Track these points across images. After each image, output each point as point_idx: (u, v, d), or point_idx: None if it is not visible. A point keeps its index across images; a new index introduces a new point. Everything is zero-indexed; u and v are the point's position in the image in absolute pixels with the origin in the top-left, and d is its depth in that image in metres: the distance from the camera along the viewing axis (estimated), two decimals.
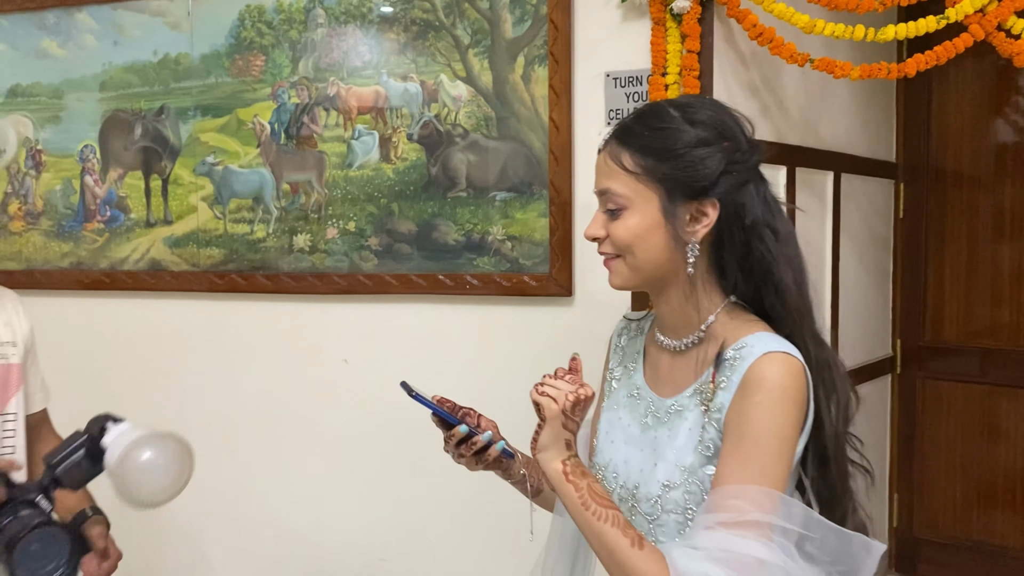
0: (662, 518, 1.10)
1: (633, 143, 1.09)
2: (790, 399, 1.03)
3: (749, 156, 1.11)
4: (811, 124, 2.78)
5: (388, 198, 2.55)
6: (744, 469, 1.02)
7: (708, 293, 1.12)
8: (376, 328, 2.62)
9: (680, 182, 1.07)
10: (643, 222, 1.09)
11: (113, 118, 2.84)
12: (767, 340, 1.06)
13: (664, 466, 1.11)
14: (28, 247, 2.99)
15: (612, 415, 1.23)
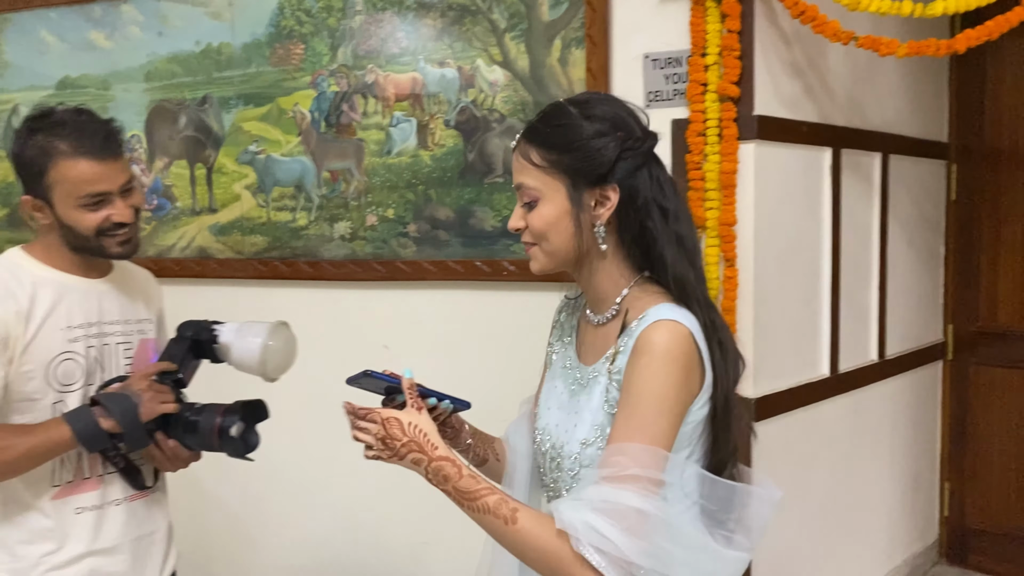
0: (580, 472, 1.21)
1: (538, 140, 1.21)
2: (672, 361, 1.13)
3: (641, 143, 1.21)
4: (857, 104, 2.71)
5: (426, 185, 2.56)
6: (628, 427, 1.13)
7: (620, 270, 1.23)
8: (415, 314, 2.63)
9: (582, 171, 1.18)
10: (554, 210, 1.20)
11: (158, 108, 2.89)
12: (663, 310, 1.17)
13: (582, 426, 1.22)
14: None
15: (550, 384, 1.34)
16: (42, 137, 1.50)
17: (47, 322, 1.53)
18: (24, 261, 1.58)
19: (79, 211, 1.51)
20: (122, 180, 1.54)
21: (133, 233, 1.58)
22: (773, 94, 2.31)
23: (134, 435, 1.50)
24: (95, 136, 1.50)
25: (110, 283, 1.65)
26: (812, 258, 2.55)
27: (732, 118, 2.21)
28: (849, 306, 2.68)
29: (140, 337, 1.69)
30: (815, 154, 2.52)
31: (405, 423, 1.18)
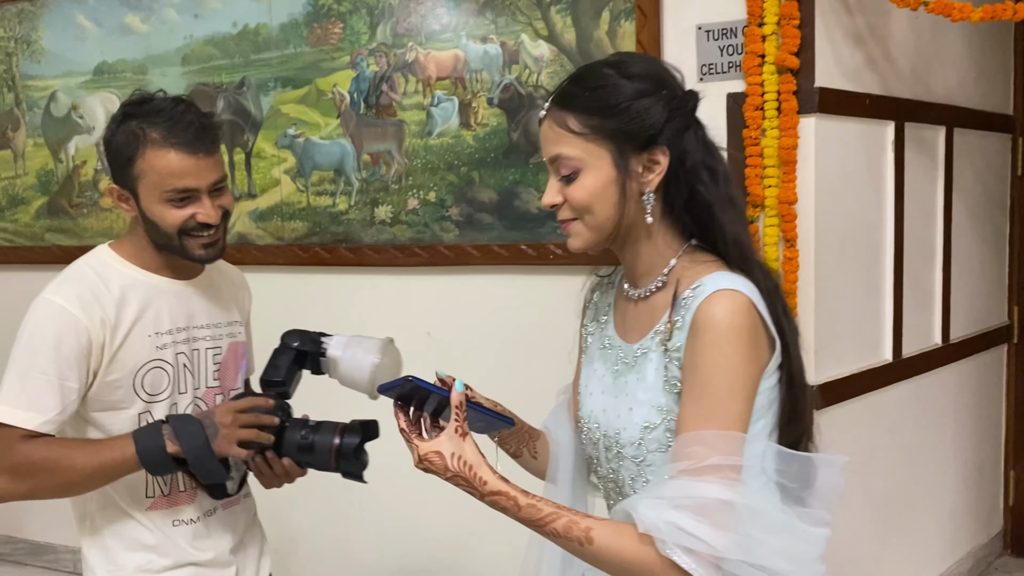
0: (648, 458, 1.14)
1: (576, 105, 1.12)
2: (737, 335, 1.06)
3: (686, 102, 1.14)
4: (921, 75, 2.57)
5: (468, 166, 2.48)
6: (699, 412, 1.06)
7: (666, 239, 1.16)
8: (458, 300, 2.56)
9: (628, 135, 1.10)
10: (598, 180, 1.11)
11: (195, 92, 2.84)
12: (719, 279, 1.09)
13: (640, 409, 1.14)
14: (118, 223, 3.04)
15: (588, 369, 1.27)
16: (135, 124, 1.42)
17: (135, 329, 1.45)
18: (113, 261, 1.50)
19: (163, 206, 1.42)
20: (212, 178, 1.44)
21: (219, 235, 1.48)
22: (834, 65, 2.19)
23: (202, 466, 1.40)
24: (189, 127, 1.41)
25: (200, 285, 1.57)
26: (874, 238, 2.44)
27: (792, 91, 2.10)
28: (912, 288, 2.56)
29: (230, 341, 1.61)
30: (877, 128, 2.40)
31: (448, 455, 1.08)
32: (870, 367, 2.41)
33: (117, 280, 1.47)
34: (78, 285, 1.44)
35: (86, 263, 1.49)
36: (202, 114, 1.47)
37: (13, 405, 1.39)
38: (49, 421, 1.40)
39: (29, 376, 1.40)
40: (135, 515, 1.50)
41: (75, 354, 1.40)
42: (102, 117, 3.03)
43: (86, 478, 1.40)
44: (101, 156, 3.05)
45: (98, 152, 3.05)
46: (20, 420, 1.38)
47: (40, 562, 3.38)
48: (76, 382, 1.41)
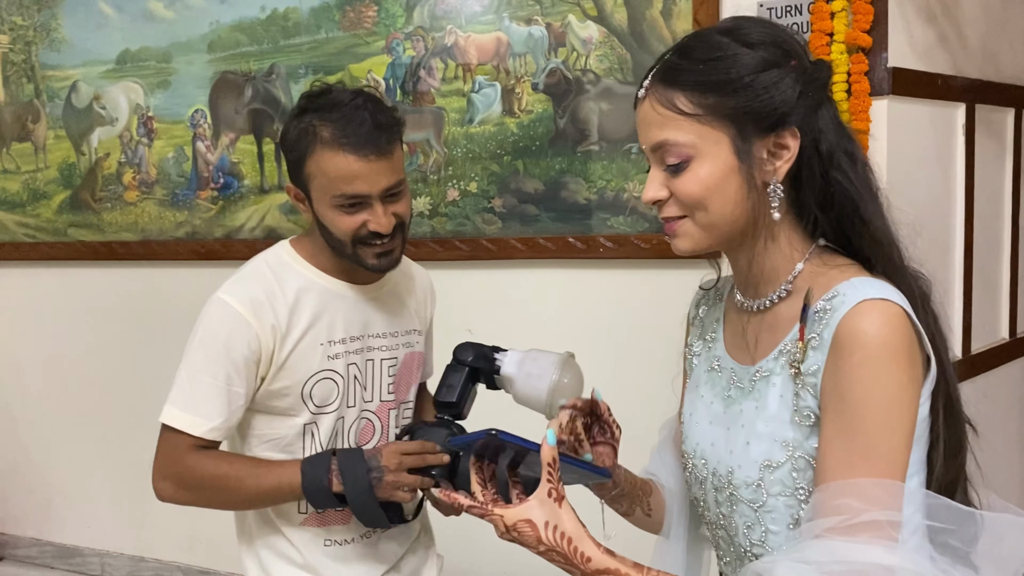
0: (768, 503, 0.95)
1: (686, 81, 0.94)
2: (893, 355, 0.87)
3: (819, 74, 0.95)
4: (991, 54, 2.42)
5: (512, 155, 2.35)
6: (851, 453, 0.87)
7: (792, 239, 0.98)
8: (501, 296, 2.44)
9: (752, 115, 0.92)
10: (715, 170, 0.94)
11: (222, 80, 2.73)
12: (862, 286, 0.91)
13: (759, 443, 0.96)
14: (144, 217, 2.94)
15: (694, 394, 1.10)
16: (309, 119, 1.33)
17: (306, 337, 1.38)
18: (292, 259, 1.43)
19: (333, 211, 1.34)
20: (385, 184, 1.33)
21: (395, 244, 1.38)
22: (907, 44, 2.05)
23: (363, 513, 1.35)
24: (362, 126, 1.30)
25: (380, 290, 1.48)
26: (944, 228, 2.30)
27: (863, 71, 1.96)
28: (980, 281, 2.42)
29: (407, 351, 1.51)
30: (948, 111, 2.25)
31: (541, 525, 0.89)
32: None
33: (294, 282, 1.40)
34: (253, 285, 1.38)
35: (264, 260, 1.43)
36: (381, 109, 1.35)
37: (182, 408, 1.36)
38: (216, 428, 1.35)
39: (198, 380, 1.35)
40: (286, 531, 1.44)
41: (244, 359, 1.35)
42: (125, 108, 2.92)
43: (250, 500, 1.39)
44: (124, 148, 2.94)
45: (121, 144, 2.95)
46: (188, 425, 1.35)
47: (67, 565, 3.31)
48: (243, 387, 1.36)
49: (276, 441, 1.41)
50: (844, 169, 0.94)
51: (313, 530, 1.44)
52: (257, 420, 1.41)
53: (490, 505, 0.92)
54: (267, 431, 1.41)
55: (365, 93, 1.36)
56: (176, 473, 1.37)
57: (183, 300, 2.96)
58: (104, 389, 3.14)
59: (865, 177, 0.97)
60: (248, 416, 1.40)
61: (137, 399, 3.03)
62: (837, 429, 0.89)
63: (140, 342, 3.03)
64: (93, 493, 3.23)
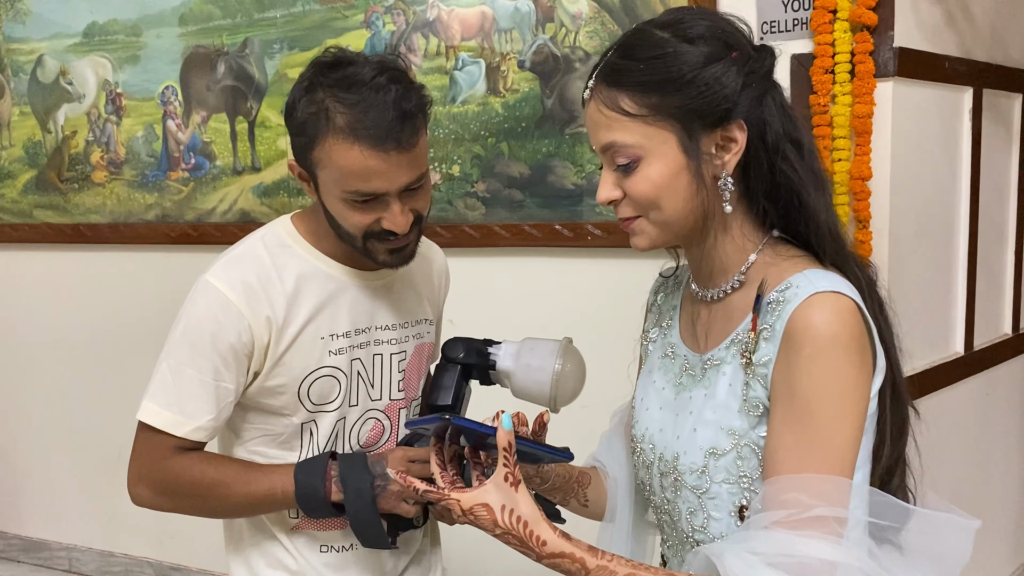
0: (712, 490, 0.97)
1: (629, 82, 0.94)
2: (844, 348, 0.89)
3: (762, 62, 0.96)
4: (999, 37, 2.32)
5: (496, 137, 2.24)
6: (801, 446, 0.89)
7: (744, 231, 0.99)
8: (485, 285, 2.33)
9: (697, 111, 0.93)
10: (665, 169, 0.94)
11: (194, 56, 2.60)
12: (815, 278, 0.92)
13: (705, 430, 0.97)
14: (112, 198, 2.81)
15: (646, 380, 1.11)
16: (320, 97, 1.13)
17: (305, 331, 1.23)
18: (293, 240, 1.27)
19: (344, 205, 1.17)
20: (404, 179, 1.15)
21: (410, 240, 1.21)
22: (914, 23, 1.95)
23: (362, 526, 1.21)
24: (384, 113, 1.11)
25: (389, 277, 1.32)
26: (948, 218, 2.20)
27: (868, 51, 1.85)
28: (984, 273, 2.33)
29: (416, 343, 1.36)
30: (955, 95, 2.15)
31: (497, 508, 0.89)
32: (941, 361, 2.18)
33: (294, 267, 1.24)
34: (247, 269, 1.22)
35: (261, 240, 1.26)
36: (407, 91, 1.14)
37: (163, 405, 1.21)
38: (202, 428, 1.21)
39: (182, 373, 1.20)
40: (279, 535, 1.31)
41: (233, 352, 1.20)
42: (93, 83, 2.79)
43: (238, 509, 1.26)
44: (92, 125, 2.81)
45: (89, 121, 2.81)
46: (170, 425, 1.21)
47: (33, 559, 3.20)
48: (233, 383, 1.21)
49: (273, 437, 1.28)
50: (790, 159, 0.95)
51: (308, 534, 1.30)
52: (248, 416, 1.28)
53: (447, 489, 0.92)
54: (261, 426, 1.28)
55: (389, 67, 1.15)
56: (156, 478, 1.23)
57: (154, 286, 2.85)
58: (72, 378, 3.02)
59: (811, 167, 0.97)
60: (237, 411, 1.26)
61: (107, 389, 2.92)
62: (787, 422, 0.90)
63: (109, 330, 2.91)
64: (61, 486, 3.12)
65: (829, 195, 0.99)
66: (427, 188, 1.22)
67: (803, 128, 0.97)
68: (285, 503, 1.23)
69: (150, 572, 3.00)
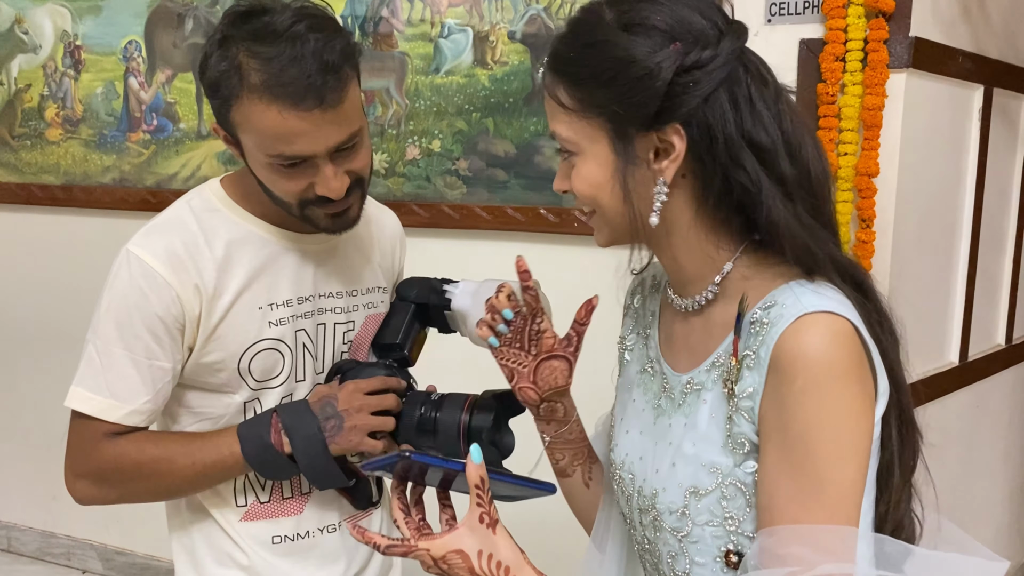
0: (694, 532, 0.88)
1: (564, 72, 0.87)
2: (841, 378, 0.79)
3: (712, 53, 0.82)
4: (1012, 34, 2.22)
5: (482, 112, 2.10)
6: (800, 491, 0.79)
7: (714, 237, 0.89)
8: (462, 269, 2.17)
9: (625, 110, 0.83)
10: (597, 168, 0.86)
11: (160, 9, 2.43)
12: (802, 295, 0.81)
13: (685, 466, 0.87)
14: (67, 158, 2.63)
15: (625, 396, 1.01)
16: (234, 51, 1.02)
17: (240, 301, 1.13)
18: (223, 204, 1.16)
19: (271, 170, 1.07)
20: (333, 140, 1.05)
21: (351, 202, 1.11)
22: (931, 12, 1.84)
23: (317, 472, 1.13)
24: (303, 68, 1.00)
25: (335, 240, 1.21)
26: (950, 221, 2.11)
27: (882, 39, 1.74)
28: (982, 281, 2.24)
29: (368, 313, 1.26)
30: (966, 92, 2.05)
31: (474, 555, 0.81)
32: (936, 371, 2.09)
33: (224, 232, 1.14)
34: (171, 235, 1.12)
35: (187, 205, 1.16)
36: (329, 40, 1.02)
37: (92, 390, 1.12)
38: (137, 411, 1.12)
39: (110, 353, 1.11)
40: (225, 527, 1.21)
41: (164, 326, 1.10)
42: (50, 34, 2.60)
43: (189, 483, 1.16)
44: (48, 79, 2.62)
45: (45, 74, 2.63)
46: (101, 410, 1.11)
47: None
48: (168, 361, 1.12)
49: (213, 420, 1.18)
50: (745, 167, 0.82)
51: (257, 524, 1.21)
52: (187, 396, 1.18)
53: (413, 538, 0.83)
54: (200, 410, 1.18)
55: (308, 14, 1.04)
56: (93, 468, 1.13)
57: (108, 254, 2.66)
58: (15, 351, 2.85)
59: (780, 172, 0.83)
60: (177, 391, 1.17)
61: (52, 363, 2.74)
62: (782, 464, 0.80)
63: (57, 300, 2.74)
64: (1, 462, 2.95)
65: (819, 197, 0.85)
66: (363, 146, 1.10)
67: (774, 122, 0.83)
68: (236, 467, 1.13)
69: (93, 555, 2.84)
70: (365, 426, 1.11)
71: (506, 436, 1.15)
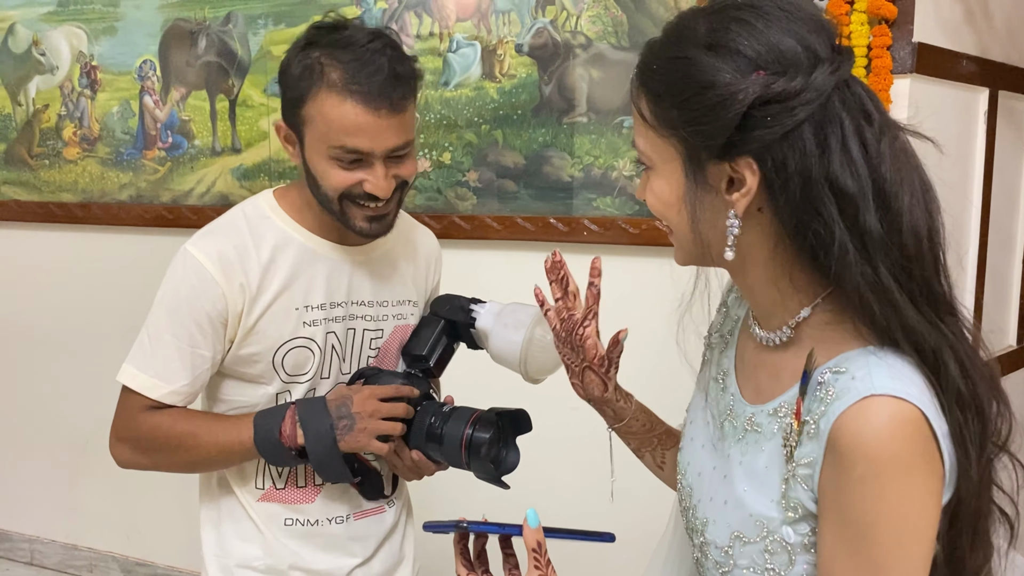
0: (735, 572, 0.85)
1: (647, 83, 0.82)
2: (906, 469, 0.73)
3: (801, 85, 0.74)
4: (1016, 36, 2.23)
5: (491, 124, 2.13)
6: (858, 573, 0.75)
7: (793, 280, 0.81)
8: (473, 279, 2.20)
9: (698, 136, 0.78)
10: (669, 187, 0.82)
11: (174, 29, 2.47)
12: (875, 370, 0.75)
13: (735, 509, 0.84)
14: (84, 177, 2.68)
15: (698, 398, 0.98)
16: (316, 55, 1.17)
17: (279, 300, 1.25)
18: (272, 212, 1.28)
19: (328, 163, 1.19)
20: (392, 143, 1.18)
21: (390, 209, 1.23)
22: (934, 17, 1.85)
23: (325, 466, 1.23)
24: (376, 73, 1.15)
25: (371, 253, 1.33)
26: (959, 225, 2.11)
27: (885, 45, 1.76)
28: (992, 283, 2.24)
29: (396, 324, 1.36)
30: (970, 95, 2.06)
31: None
32: None
33: (271, 237, 1.26)
34: (224, 238, 1.25)
35: (242, 210, 1.30)
36: (401, 58, 1.20)
37: (141, 368, 1.26)
38: (176, 392, 1.25)
39: (160, 339, 1.25)
40: (245, 505, 1.33)
41: (208, 319, 1.23)
42: (67, 55, 2.65)
43: (210, 460, 1.28)
44: (66, 99, 2.67)
45: (62, 94, 2.68)
46: (145, 387, 1.25)
47: None
48: (209, 350, 1.25)
49: (247, 408, 1.29)
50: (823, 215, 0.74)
51: (273, 506, 1.32)
52: (226, 385, 1.30)
53: None
54: (236, 397, 1.30)
55: (385, 36, 1.20)
56: (131, 436, 1.28)
57: (126, 269, 2.72)
58: (38, 365, 2.89)
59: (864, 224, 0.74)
60: (216, 380, 1.30)
61: (74, 377, 2.79)
62: (839, 545, 0.76)
63: (77, 315, 2.78)
64: (24, 475, 2.99)
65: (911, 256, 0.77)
66: (412, 156, 1.24)
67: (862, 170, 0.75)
68: (249, 452, 1.24)
69: (115, 567, 2.87)
70: (374, 430, 1.20)
71: (509, 453, 1.22)
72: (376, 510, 1.36)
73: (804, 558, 0.80)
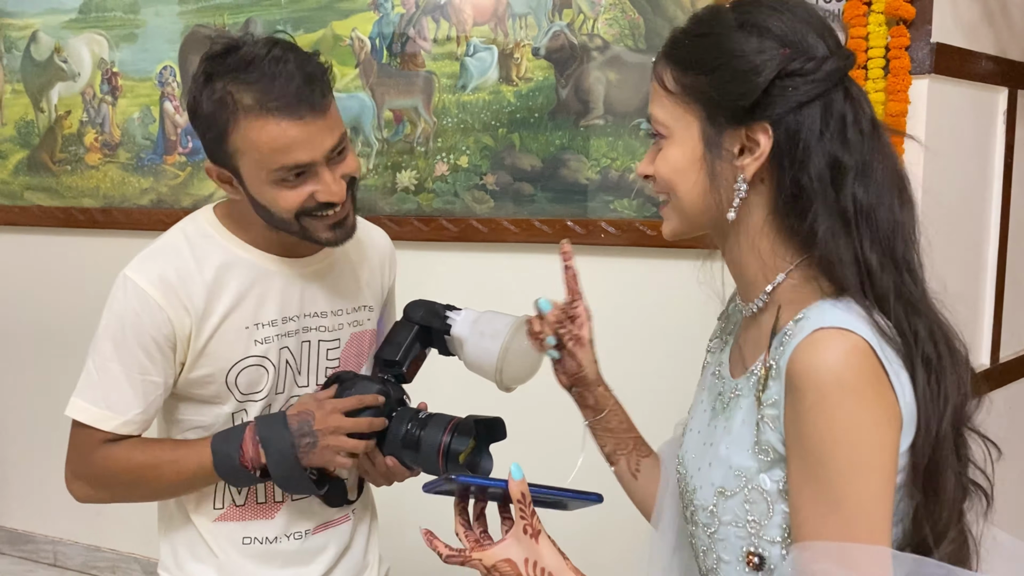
0: (720, 531, 0.91)
1: (676, 57, 0.91)
2: (853, 393, 0.79)
3: (817, 65, 0.85)
4: None
5: (508, 127, 2.14)
6: (818, 504, 0.80)
7: (775, 246, 0.90)
8: (490, 282, 2.24)
9: (722, 100, 0.87)
10: (682, 154, 0.90)
11: (194, 35, 2.50)
12: (826, 311, 0.82)
13: (718, 467, 0.91)
14: (106, 182, 2.71)
15: (697, 396, 1.05)
16: (221, 85, 1.11)
17: (228, 321, 1.21)
18: (215, 230, 1.23)
19: (273, 187, 1.13)
20: (329, 143, 1.13)
21: (347, 211, 1.19)
22: (952, 17, 1.85)
23: (289, 482, 1.21)
24: (289, 82, 1.09)
25: (321, 263, 1.29)
26: (978, 225, 2.10)
27: (904, 46, 1.75)
28: (1012, 282, 2.23)
29: (353, 331, 1.33)
30: (989, 95, 2.05)
31: (520, 563, 0.87)
32: None
33: (215, 257, 1.21)
34: (165, 261, 1.20)
35: (182, 231, 1.24)
36: (306, 58, 1.13)
37: (90, 401, 1.22)
38: (130, 421, 1.21)
39: (107, 369, 1.21)
40: (200, 527, 1.29)
41: (156, 344, 1.19)
42: (88, 62, 2.68)
43: (173, 488, 1.25)
44: (87, 105, 2.70)
45: (84, 101, 2.71)
46: (97, 420, 1.21)
47: (18, 552, 3.11)
48: (160, 375, 1.21)
49: (204, 428, 1.26)
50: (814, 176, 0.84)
51: (231, 525, 1.28)
52: (181, 406, 1.27)
53: (468, 549, 0.89)
54: (192, 417, 1.26)
55: (281, 41, 1.14)
56: (88, 472, 1.24)
57: None
58: (60, 367, 2.92)
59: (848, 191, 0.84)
60: (171, 401, 1.26)
61: None
62: (802, 477, 0.82)
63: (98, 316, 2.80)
64: (47, 477, 3.02)
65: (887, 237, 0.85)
66: (350, 149, 1.19)
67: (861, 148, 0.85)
68: (210, 477, 1.22)
69: (137, 568, 2.91)
70: (337, 447, 1.17)
71: (484, 460, 1.23)
72: (337, 521, 1.34)
73: (780, 507, 0.85)
